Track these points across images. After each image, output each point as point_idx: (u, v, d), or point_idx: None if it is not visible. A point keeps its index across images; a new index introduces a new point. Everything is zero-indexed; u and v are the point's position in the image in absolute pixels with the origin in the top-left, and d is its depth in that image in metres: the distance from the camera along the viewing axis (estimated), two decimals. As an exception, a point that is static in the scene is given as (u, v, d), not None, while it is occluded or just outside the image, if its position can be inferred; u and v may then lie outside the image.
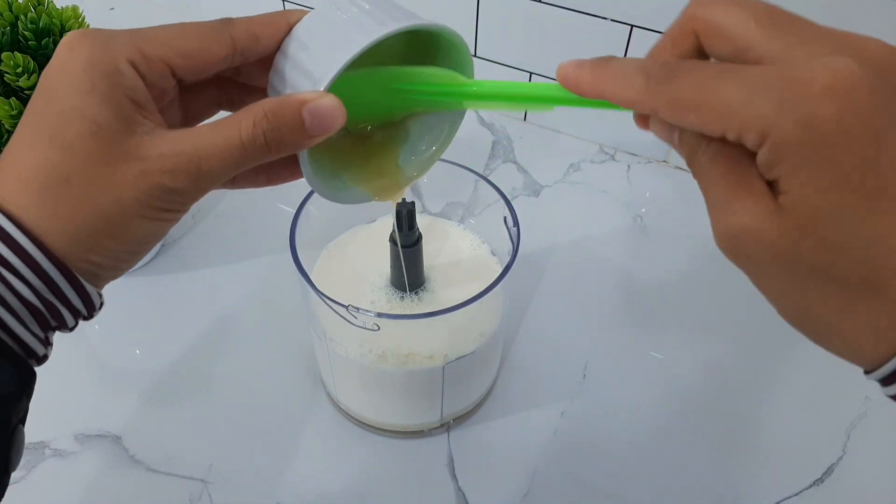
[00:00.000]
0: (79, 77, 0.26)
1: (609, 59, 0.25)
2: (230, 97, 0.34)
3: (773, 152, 0.22)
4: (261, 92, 0.33)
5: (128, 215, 0.27)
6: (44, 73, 0.27)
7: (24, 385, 0.27)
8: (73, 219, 0.26)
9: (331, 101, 0.28)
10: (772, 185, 0.23)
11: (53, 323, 0.28)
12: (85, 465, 0.51)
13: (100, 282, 0.28)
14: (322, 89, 0.28)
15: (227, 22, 0.29)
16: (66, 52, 0.27)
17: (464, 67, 0.33)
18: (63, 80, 0.26)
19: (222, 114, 0.32)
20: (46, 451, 0.51)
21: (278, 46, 0.30)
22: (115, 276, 0.29)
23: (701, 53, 0.26)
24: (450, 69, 0.33)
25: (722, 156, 0.24)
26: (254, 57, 0.30)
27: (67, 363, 0.57)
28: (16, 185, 0.26)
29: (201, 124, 0.28)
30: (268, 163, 0.32)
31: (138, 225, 0.27)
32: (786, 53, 0.23)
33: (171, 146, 0.27)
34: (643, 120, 0.28)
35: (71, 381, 0.55)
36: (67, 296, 0.27)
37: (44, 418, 0.53)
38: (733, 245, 0.24)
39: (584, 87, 0.26)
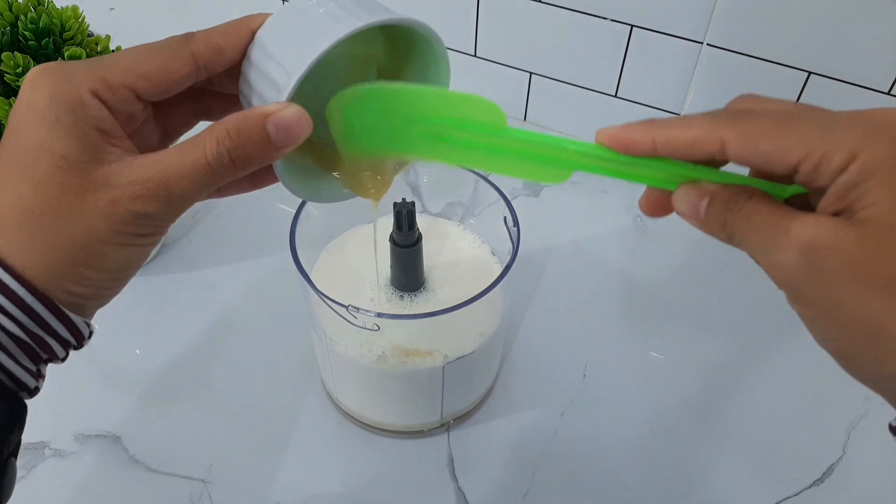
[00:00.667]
0: (43, 112, 0.26)
1: (656, 118, 0.26)
2: (207, 107, 0.34)
3: (863, 169, 0.23)
4: (236, 98, 0.32)
5: (103, 243, 0.27)
6: (11, 111, 0.27)
7: (16, 418, 0.27)
8: (50, 252, 0.26)
9: (293, 112, 0.28)
10: (836, 214, 0.24)
11: (44, 356, 0.28)
12: (85, 465, 0.51)
13: (85, 311, 0.29)
14: (285, 98, 0.28)
15: (187, 38, 0.29)
16: (29, 90, 0.27)
17: (438, 67, 0.32)
18: (28, 117, 0.27)
19: (203, 125, 0.32)
20: (46, 451, 0.51)
21: (244, 54, 0.30)
22: (100, 305, 0.29)
23: None
24: (424, 68, 0.31)
25: (766, 202, 0.25)
26: (220, 68, 0.30)
27: (67, 363, 0.56)
28: None
29: (170, 147, 0.28)
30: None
31: (115, 252, 0.27)
32: (848, 114, 0.25)
33: (139, 172, 0.27)
34: (659, 207, 0.28)
35: (71, 381, 0.55)
36: (54, 328, 0.27)
37: (44, 418, 0.53)
38: (805, 258, 0.23)
39: (639, 140, 0.26)
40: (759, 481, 0.51)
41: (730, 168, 0.27)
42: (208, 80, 0.31)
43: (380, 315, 0.42)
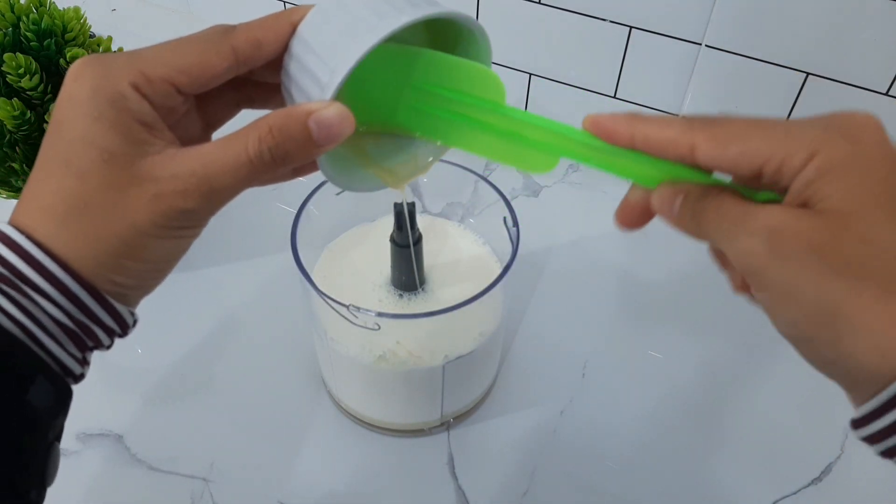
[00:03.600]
0: (85, 106, 0.27)
1: (642, 114, 0.28)
2: (249, 96, 0.34)
3: (819, 167, 0.24)
4: (278, 88, 0.32)
5: (146, 236, 0.27)
6: (55, 103, 0.28)
7: (61, 402, 0.28)
8: (95, 243, 0.27)
9: (336, 111, 0.28)
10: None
11: (90, 343, 0.28)
12: (87, 464, 0.51)
13: (129, 300, 0.29)
14: (329, 97, 0.28)
15: (227, 31, 0.29)
16: (71, 82, 0.27)
17: (482, 60, 0.32)
18: (71, 110, 0.27)
19: (244, 113, 0.32)
20: (48, 449, 0.51)
21: (285, 48, 0.30)
22: (143, 294, 0.30)
23: None
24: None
25: (736, 196, 0.27)
26: (261, 62, 0.30)
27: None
28: (39, 215, 0.27)
29: (213, 140, 0.28)
30: None
31: (157, 245, 0.28)
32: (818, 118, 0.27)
33: (182, 166, 0.27)
34: (633, 216, 0.31)
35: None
36: (99, 316, 0.28)
37: (46, 417, 0.53)
38: (768, 242, 0.25)
39: (621, 131, 0.27)
40: (758, 480, 0.51)
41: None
42: (250, 71, 0.31)
43: (380, 314, 0.42)
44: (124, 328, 0.29)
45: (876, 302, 0.24)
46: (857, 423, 0.26)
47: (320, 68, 0.28)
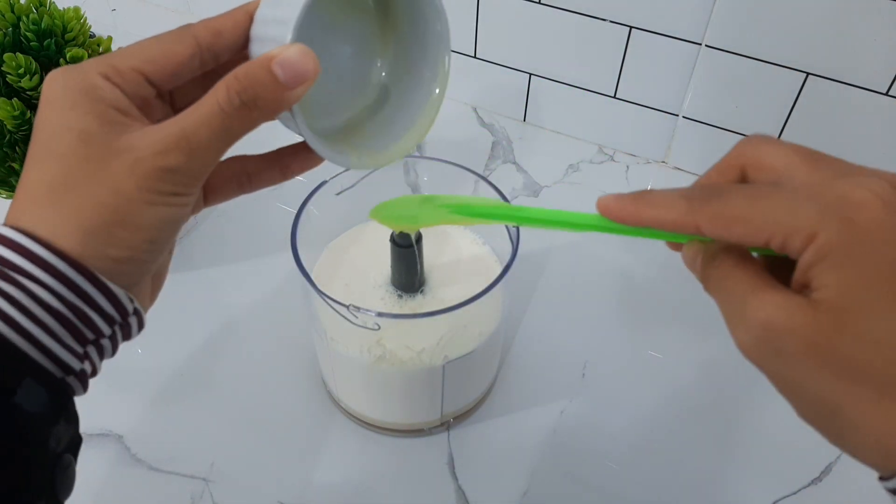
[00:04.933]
0: (59, 100, 0.28)
1: (650, 191, 0.28)
2: None
3: (818, 251, 0.24)
4: None
5: (132, 201, 0.27)
6: (36, 112, 0.29)
7: (59, 407, 0.27)
8: (79, 216, 0.27)
9: (296, 50, 0.28)
10: (801, 289, 0.25)
11: (88, 333, 0.27)
12: (87, 464, 0.51)
13: (123, 278, 0.28)
14: (290, 39, 0.29)
15: (187, 26, 0.31)
16: (46, 87, 0.28)
17: (435, 10, 0.34)
18: (47, 108, 0.28)
19: None
20: (48, 449, 0.51)
21: (245, 38, 0.31)
22: (139, 273, 0.29)
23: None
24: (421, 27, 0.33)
25: (744, 262, 0.26)
26: (223, 51, 0.31)
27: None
28: (26, 204, 0.27)
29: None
30: (276, 154, 0.33)
31: (146, 211, 0.27)
32: (826, 179, 0.26)
33: (158, 133, 0.28)
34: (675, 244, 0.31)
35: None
36: (93, 297, 0.27)
37: (46, 417, 0.53)
38: (763, 339, 0.24)
39: (627, 216, 0.28)
40: (758, 480, 0.51)
41: None
42: (222, 68, 0.31)
43: (380, 314, 0.42)
44: (124, 315, 0.28)
45: (873, 404, 0.24)
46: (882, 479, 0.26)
47: (277, 29, 0.29)
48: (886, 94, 0.58)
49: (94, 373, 0.29)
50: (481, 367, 0.51)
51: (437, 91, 0.36)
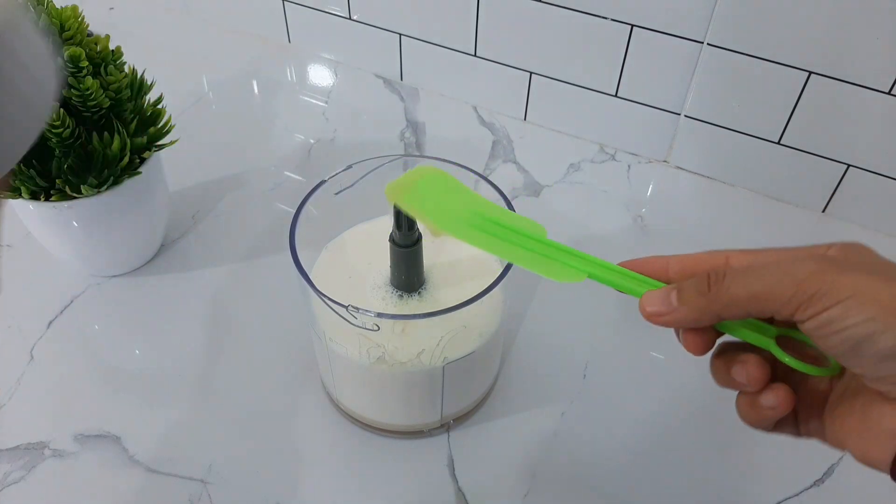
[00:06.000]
0: None
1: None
2: None
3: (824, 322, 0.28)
4: None
5: None
6: None
7: None
8: None
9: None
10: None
11: None
12: (84, 465, 0.51)
13: None
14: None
15: None
16: None
17: None
18: None
19: None
20: (46, 451, 0.51)
21: None
22: None
23: None
24: None
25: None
26: None
27: (67, 363, 0.56)
28: None
29: None
30: None
31: None
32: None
33: None
34: (701, 347, 0.38)
35: (70, 382, 0.55)
36: None
37: (43, 418, 0.53)
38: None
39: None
40: (760, 481, 0.51)
41: None
42: None
43: (380, 315, 0.42)
44: None
45: None
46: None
47: None
48: (889, 93, 0.58)
49: None
50: (481, 368, 0.51)
51: None
